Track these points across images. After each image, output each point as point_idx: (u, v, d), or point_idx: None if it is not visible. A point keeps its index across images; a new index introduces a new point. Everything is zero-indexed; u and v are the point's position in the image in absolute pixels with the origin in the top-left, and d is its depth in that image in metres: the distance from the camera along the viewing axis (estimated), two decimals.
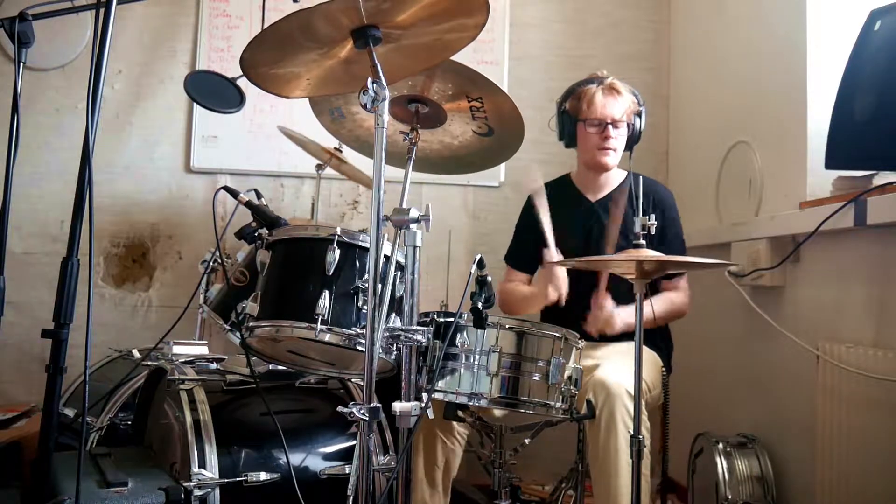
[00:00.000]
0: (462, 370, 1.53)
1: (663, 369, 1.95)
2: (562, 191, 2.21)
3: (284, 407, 1.87)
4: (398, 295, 1.57)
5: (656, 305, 1.98)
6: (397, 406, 1.33)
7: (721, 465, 2.08)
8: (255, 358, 1.79)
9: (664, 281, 2.09)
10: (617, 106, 2.03)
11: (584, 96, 2.05)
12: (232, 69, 2.17)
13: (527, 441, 1.73)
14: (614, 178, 2.17)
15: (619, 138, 2.06)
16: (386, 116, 1.31)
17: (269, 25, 1.34)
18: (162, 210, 2.95)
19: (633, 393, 1.66)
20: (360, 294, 1.60)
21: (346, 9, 1.30)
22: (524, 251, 2.23)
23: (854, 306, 1.89)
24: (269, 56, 1.43)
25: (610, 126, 2.04)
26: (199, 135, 2.95)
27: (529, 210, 2.28)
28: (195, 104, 2.78)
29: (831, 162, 1.85)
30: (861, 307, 1.87)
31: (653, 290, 1.94)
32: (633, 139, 2.10)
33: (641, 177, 1.96)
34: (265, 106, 2.93)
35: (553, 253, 1.89)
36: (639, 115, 2.08)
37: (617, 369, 1.76)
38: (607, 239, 1.91)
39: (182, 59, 2.98)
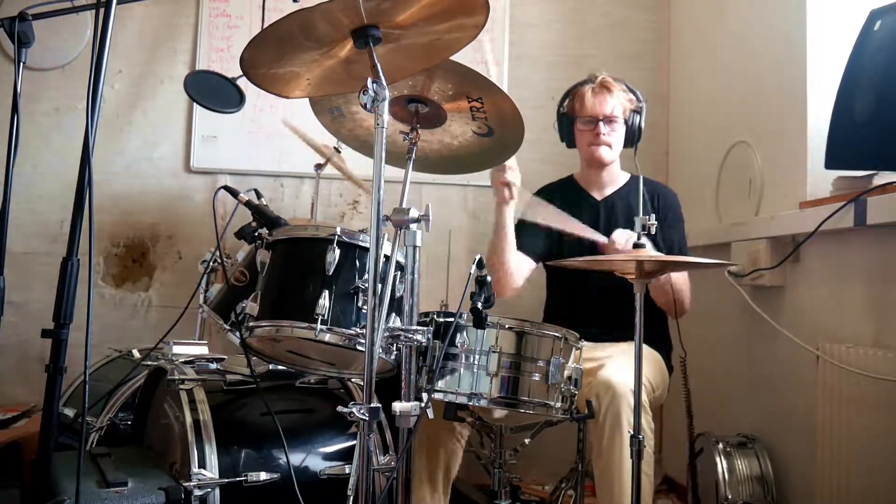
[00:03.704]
0: (462, 370, 1.53)
1: (682, 363, 1.95)
2: (566, 190, 2.25)
3: (284, 407, 1.87)
4: (398, 295, 1.57)
5: (674, 275, 1.96)
6: (397, 406, 1.33)
7: (721, 465, 2.09)
8: (255, 358, 1.79)
9: None
10: (608, 103, 2.06)
11: (577, 96, 2.11)
12: (232, 69, 2.17)
13: (527, 441, 1.73)
14: (619, 177, 2.19)
15: (612, 134, 2.08)
16: (386, 116, 1.31)
17: (268, 25, 1.34)
18: (162, 210, 2.95)
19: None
20: (360, 294, 1.59)
21: (346, 9, 1.29)
22: (523, 233, 2.21)
23: (854, 306, 1.89)
24: (269, 56, 1.43)
25: (601, 122, 2.06)
26: (199, 135, 2.95)
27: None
28: (195, 104, 2.78)
29: (831, 162, 1.85)
30: (861, 307, 1.87)
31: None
32: (632, 136, 2.10)
33: (644, 179, 1.96)
34: (265, 106, 2.93)
35: (602, 238, 1.91)
36: (637, 111, 2.08)
37: (621, 370, 1.76)
38: None
39: (182, 59, 2.98)
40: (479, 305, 1.45)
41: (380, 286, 1.32)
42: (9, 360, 2.76)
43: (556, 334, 1.58)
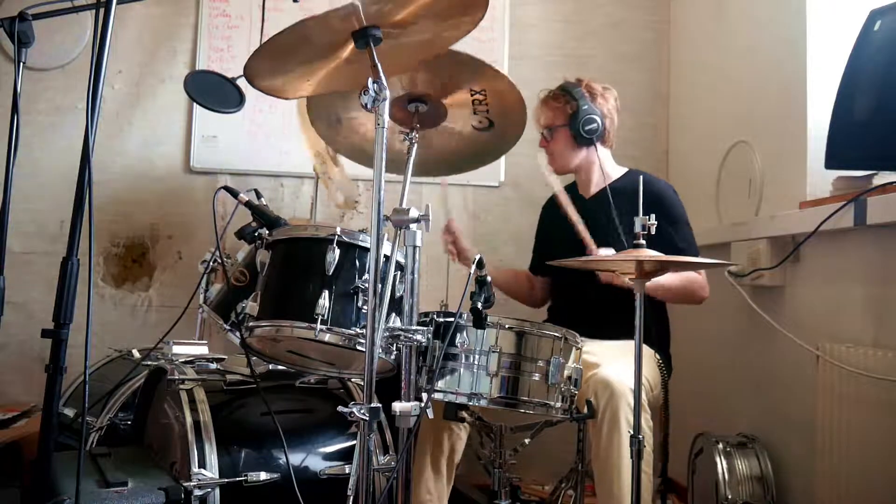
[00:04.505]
0: (462, 370, 1.53)
1: (660, 364, 1.95)
2: (569, 193, 2.27)
3: (284, 407, 1.87)
4: (398, 295, 1.57)
5: (673, 276, 1.97)
6: (397, 406, 1.33)
7: (721, 465, 2.08)
8: (255, 358, 1.79)
9: None
10: (541, 115, 2.18)
11: None
12: (232, 69, 2.18)
13: (527, 441, 1.72)
14: (611, 175, 2.19)
15: (552, 142, 2.17)
16: (386, 116, 1.31)
17: (267, 40, 1.33)
18: (162, 210, 2.95)
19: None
20: (360, 294, 1.60)
21: (345, 16, 1.30)
22: (533, 256, 2.39)
23: (854, 306, 1.89)
24: (270, 65, 1.42)
25: (542, 134, 2.18)
26: (199, 135, 2.95)
27: (542, 217, 2.39)
28: (195, 104, 2.77)
29: (831, 162, 1.85)
30: (861, 307, 1.87)
31: None
32: (579, 134, 2.09)
33: (640, 173, 1.95)
34: (265, 106, 2.92)
35: (592, 247, 1.93)
36: (575, 111, 2.09)
37: (619, 368, 1.76)
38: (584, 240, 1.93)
39: (182, 59, 2.97)
40: (479, 305, 1.45)
41: (380, 286, 1.32)
42: (9, 360, 2.75)
43: (556, 334, 1.58)
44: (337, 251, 1.60)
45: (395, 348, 1.52)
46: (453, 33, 1.42)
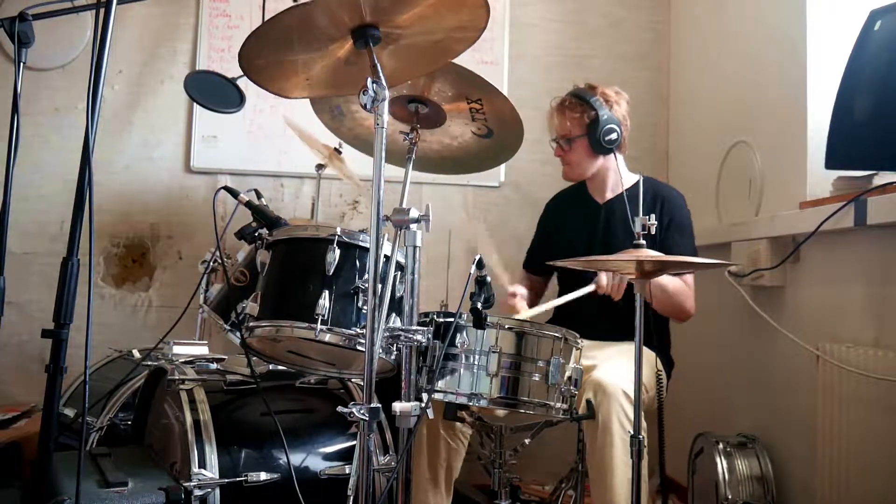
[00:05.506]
0: (462, 370, 1.53)
1: (660, 372, 1.95)
2: (576, 194, 2.30)
3: (284, 407, 1.87)
4: (398, 295, 1.57)
5: (668, 281, 1.98)
6: (397, 406, 1.33)
7: (721, 465, 2.08)
8: (255, 358, 1.79)
9: None
10: (558, 123, 2.13)
11: None
12: (232, 69, 2.16)
13: (527, 441, 1.73)
14: (624, 180, 2.18)
15: (570, 152, 2.14)
16: (386, 116, 1.31)
17: (268, 19, 1.33)
18: (162, 210, 2.95)
19: (629, 393, 1.67)
20: (360, 294, 1.60)
21: (346, 5, 1.29)
22: (532, 253, 2.38)
23: (854, 306, 1.89)
24: (268, 51, 1.42)
25: (558, 143, 2.15)
26: (199, 135, 2.95)
27: (544, 217, 2.39)
28: (195, 104, 2.77)
29: (831, 162, 1.85)
30: (861, 307, 1.87)
31: None
32: (598, 144, 2.07)
33: (650, 180, 1.96)
34: (265, 106, 2.92)
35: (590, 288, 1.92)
36: (594, 120, 2.05)
37: (614, 370, 1.76)
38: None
39: (182, 59, 2.97)
40: (479, 305, 1.45)
41: (380, 286, 1.32)
42: (9, 360, 2.75)
43: (556, 334, 1.58)
44: (337, 251, 1.60)
45: (395, 348, 1.53)
46: (456, 38, 1.41)
